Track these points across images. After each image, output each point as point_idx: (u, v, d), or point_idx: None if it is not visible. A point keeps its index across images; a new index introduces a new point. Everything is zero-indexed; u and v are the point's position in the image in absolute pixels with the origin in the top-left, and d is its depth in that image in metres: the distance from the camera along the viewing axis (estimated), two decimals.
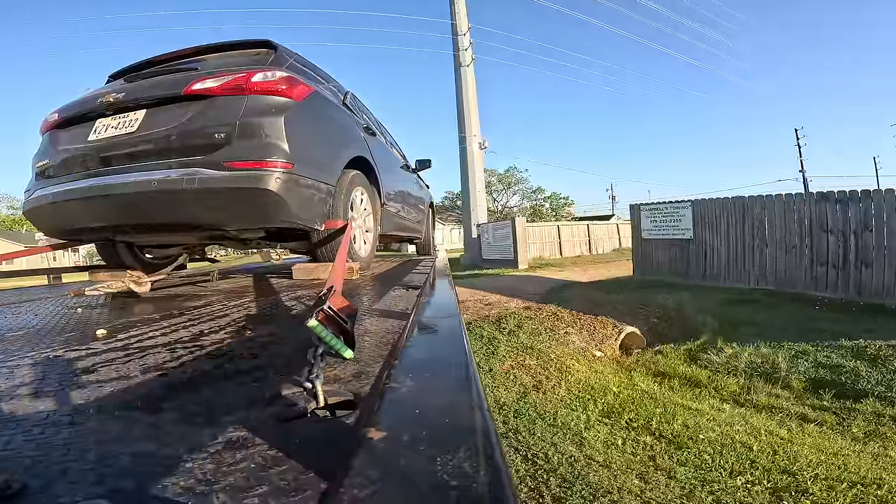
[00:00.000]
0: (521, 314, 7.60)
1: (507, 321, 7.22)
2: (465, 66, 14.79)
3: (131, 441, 0.51)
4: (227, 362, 0.83)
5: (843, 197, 8.21)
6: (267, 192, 1.76)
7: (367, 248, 2.62)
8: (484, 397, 0.53)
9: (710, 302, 8.21)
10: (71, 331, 1.15)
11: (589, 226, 21.66)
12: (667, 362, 6.07)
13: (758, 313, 7.53)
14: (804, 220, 8.66)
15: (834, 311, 7.41)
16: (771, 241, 9.19)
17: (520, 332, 6.80)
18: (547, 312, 7.75)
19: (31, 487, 0.40)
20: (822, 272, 8.41)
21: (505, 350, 6.16)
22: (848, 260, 8.13)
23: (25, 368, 0.82)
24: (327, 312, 0.79)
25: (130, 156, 1.88)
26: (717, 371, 5.59)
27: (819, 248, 8.45)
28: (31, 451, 0.49)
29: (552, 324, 7.22)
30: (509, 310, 7.90)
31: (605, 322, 7.31)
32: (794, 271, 8.83)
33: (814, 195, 8.66)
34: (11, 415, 0.60)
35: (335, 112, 2.43)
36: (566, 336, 6.83)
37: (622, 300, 8.74)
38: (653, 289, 9.62)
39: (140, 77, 2.14)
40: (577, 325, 7.26)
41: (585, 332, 7.05)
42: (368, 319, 1.17)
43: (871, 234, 7.89)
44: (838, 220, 8.25)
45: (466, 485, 0.34)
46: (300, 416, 0.58)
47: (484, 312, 7.93)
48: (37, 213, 2.11)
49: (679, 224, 11.14)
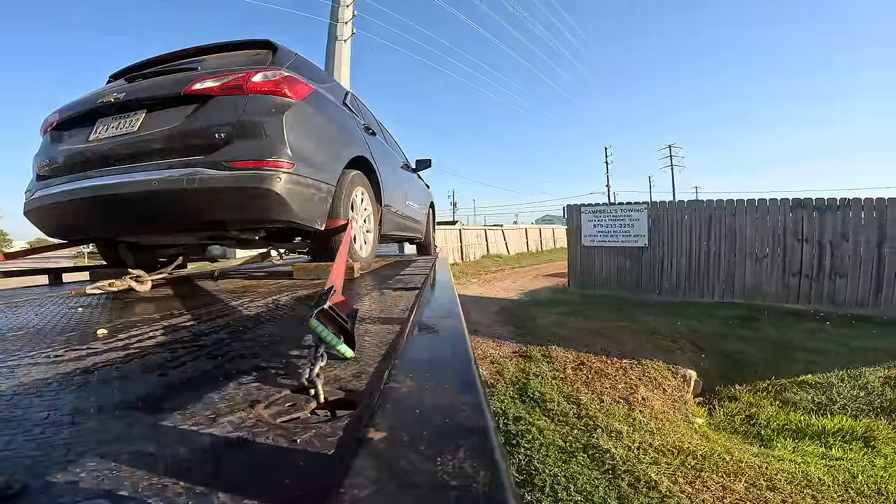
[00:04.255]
0: (539, 373, 5.19)
1: (532, 385, 4.78)
2: (341, 40, 11.72)
3: (131, 441, 0.51)
4: (227, 362, 0.83)
5: (820, 205, 8.11)
6: (268, 192, 1.76)
7: (368, 248, 2.62)
8: (484, 397, 0.53)
9: (710, 321, 7.44)
10: (72, 330, 1.15)
11: (462, 231, 19.42)
12: (771, 413, 4.72)
13: (778, 332, 6.91)
14: (777, 228, 8.38)
15: (837, 325, 7.13)
16: (740, 251, 8.64)
17: (564, 407, 4.40)
18: (569, 362, 5.51)
19: (31, 487, 0.40)
20: (795, 283, 8.21)
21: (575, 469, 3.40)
22: (822, 270, 8.00)
23: (26, 368, 0.82)
24: (328, 312, 0.79)
25: (131, 156, 1.88)
26: (829, 410, 4.61)
27: (792, 257, 8.22)
28: (31, 452, 0.49)
29: (599, 382, 5.08)
30: (506, 367, 5.33)
31: (658, 367, 5.51)
32: (764, 283, 8.46)
33: (789, 202, 8.40)
34: (12, 415, 0.60)
35: (335, 112, 2.43)
36: (633, 395, 4.70)
37: (609, 326, 7.07)
38: (607, 307, 8.39)
39: (140, 77, 2.14)
40: (626, 377, 5.27)
41: (647, 387, 5.07)
42: (369, 319, 1.17)
43: (848, 244, 7.85)
44: (815, 228, 8.08)
45: (466, 485, 0.34)
46: (301, 416, 0.58)
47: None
48: (38, 214, 2.11)
49: (631, 230, 9.80)
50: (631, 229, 9.76)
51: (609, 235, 10.03)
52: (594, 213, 10.22)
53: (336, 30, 11.61)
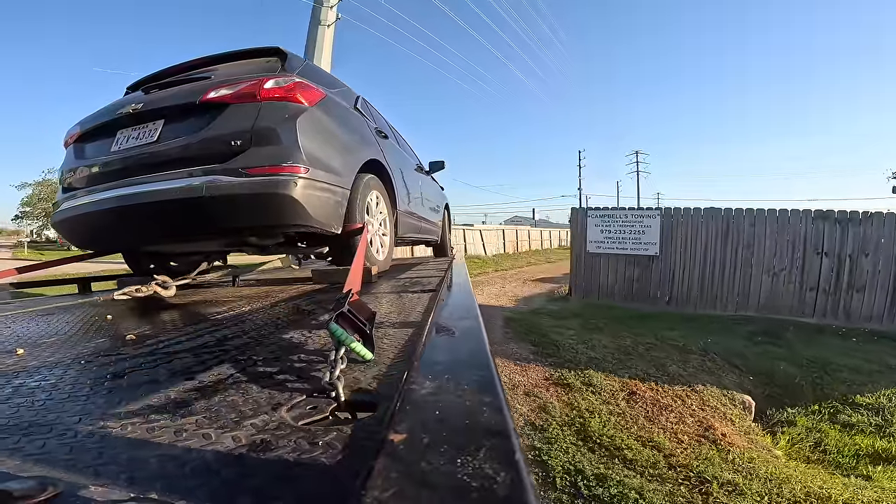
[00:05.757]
0: (592, 408, 4.41)
1: (593, 427, 3.96)
2: (324, 26, 10.96)
3: (160, 444, 0.52)
4: (249, 365, 0.84)
5: (842, 217, 7.87)
6: (285, 197, 1.79)
7: (384, 251, 2.63)
8: (504, 399, 0.52)
9: (735, 337, 7.01)
10: (101, 336, 1.19)
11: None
12: (837, 438, 4.40)
13: (809, 349, 6.52)
14: (797, 240, 8.08)
15: (865, 341, 6.88)
16: (758, 262, 8.25)
17: (647, 455, 3.58)
18: (616, 391, 4.85)
19: (65, 492, 0.41)
20: (812, 297, 7.96)
21: None
22: (840, 284, 7.79)
23: (58, 373, 0.85)
24: (346, 315, 0.79)
25: (153, 165, 1.93)
26: (887, 432, 4.37)
27: (811, 271, 7.97)
28: (64, 455, 0.50)
29: (663, 416, 4.37)
30: (548, 402, 4.51)
31: (713, 394, 5.03)
32: (780, 296, 8.12)
33: (811, 213, 8.07)
34: (45, 419, 0.62)
35: (347, 116, 2.46)
36: (711, 431, 4.11)
37: (634, 343, 6.44)
38: (620, 319, 7.78)
39: (157, 88, 2.20)
40: (687, 408, 4.65)
41: (717, 419, 4.48)
42: (387, 322, 1.17)
43: (867, 259, 7.68)
44: (835, 242, 7.84)
45: (487, 486, 0.33)
46: (322, 418, 0.58)
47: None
48: (66, 225, 2.18)
49: (642, 237, 9.10)
50: (642, 236, 9.10)
51: (618, 242, 9.32)
52: (602, 217, 9.48)
53: (320, 14, 10.78)
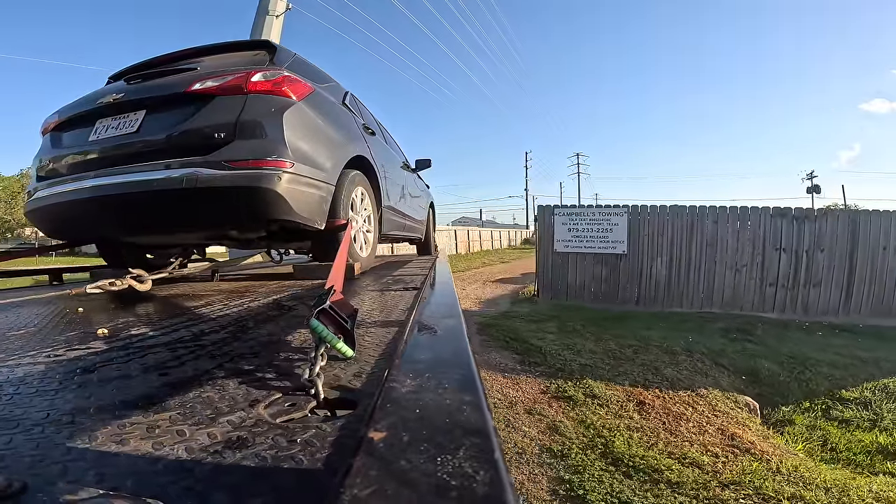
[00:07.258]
0: (607, 423, 4.06)
1: (618, 447, 3.62)
2: (272, 16, 10.15)
3: (131, 440, 0.51)
4: (227, 361, 0.83)
5: (798, 214, 8.29)
6: (267, 191, 1.76)
7: (368, 248, 2.62)
8: (484, 397, 0.53)
9: (712, 335, 7.06)
10: (72, 330, 1.15)
11: None
12: (840, 435, 4.37)
13: (783, 345, 6.67)
14: (756, 237, 8.42)
15: (828, 335, 7.17)
16: (721, 259, 8.51)
17: (689, 475, 3.26)
18: (622, 401, 4.55)
19: (31, 487, 0.40)
20: (772, 292, 8.33)
21: None
22: (798, 279, 8.20)
23: (26, 367, 0.82)
24: (328, 312, 0.79)
25: (131, 156, 1.88)
26: (882, 425, 4.41)
27: (770, 267, 8.32)
28: (31, 451, 0.49)
29: (682, 426, 4.14)
30: (557, 420, 4.13)
31: (718, 397, 4.93)
32: (743, 292, 8.44)
33: (770, 210, 8.41)
34: (12, 414, 0.60)
35: (335, 111, 2.43)
36: (738, 439, 3.90)
37: (619, 346, 6.27)
38: (595, 321, 7.70)
39: (140, 78, 2.14)
40: (700, 414, 4.45)
41: (734, 425, 4.28)
42: (369, 319, 1.17)
43: (822, 254, 8.12)
44: (792, 238, 8.24)
45: (466, 485, 0.34)
46: (301, 416, 0.58)
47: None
48: (39, 214, 2.10)
49: (609, 235, 8.98)
50: (609, 234, 9.01)
51: (585, 241, 9.17)
52: (569, 215, 9.29)
53: (268, 3, 10.01)
